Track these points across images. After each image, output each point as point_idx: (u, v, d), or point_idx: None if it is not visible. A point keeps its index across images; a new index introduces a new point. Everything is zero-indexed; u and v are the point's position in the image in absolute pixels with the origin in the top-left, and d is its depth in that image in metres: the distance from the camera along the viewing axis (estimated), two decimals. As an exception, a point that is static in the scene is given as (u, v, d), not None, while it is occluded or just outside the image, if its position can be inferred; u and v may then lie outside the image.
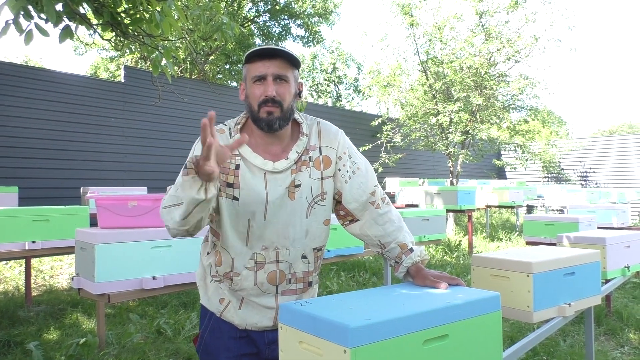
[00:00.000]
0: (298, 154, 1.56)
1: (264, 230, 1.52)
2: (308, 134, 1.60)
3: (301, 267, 1.58)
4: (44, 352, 3.42)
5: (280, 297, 1.56)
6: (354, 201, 1.61)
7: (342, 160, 1.62)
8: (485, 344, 1.28)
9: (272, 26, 16.36)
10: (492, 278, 2.16)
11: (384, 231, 1.61)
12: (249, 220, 1.51)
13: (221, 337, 1.58)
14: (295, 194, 1.54)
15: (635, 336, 4.15)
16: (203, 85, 10.57)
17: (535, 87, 10.84)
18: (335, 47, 25.92)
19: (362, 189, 1.61)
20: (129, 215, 2.41)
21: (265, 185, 1.51)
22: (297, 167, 1.55)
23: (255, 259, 1.53)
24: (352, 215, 1.64)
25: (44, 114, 8.08)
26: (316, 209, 1.58)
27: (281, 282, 1.55)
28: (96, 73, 17.05)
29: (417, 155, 14.55)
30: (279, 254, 1.54)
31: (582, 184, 16.41)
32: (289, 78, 1.52)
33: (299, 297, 1.60)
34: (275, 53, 1.49)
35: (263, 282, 1.53)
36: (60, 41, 3.06)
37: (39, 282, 5.65)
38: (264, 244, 1.53)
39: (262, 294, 1.55)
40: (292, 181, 1.53)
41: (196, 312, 4.50)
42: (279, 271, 1.55)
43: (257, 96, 1.50)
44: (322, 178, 1.58)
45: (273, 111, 1.49)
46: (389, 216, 1.64)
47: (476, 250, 8.57)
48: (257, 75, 1.49)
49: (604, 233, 3.25)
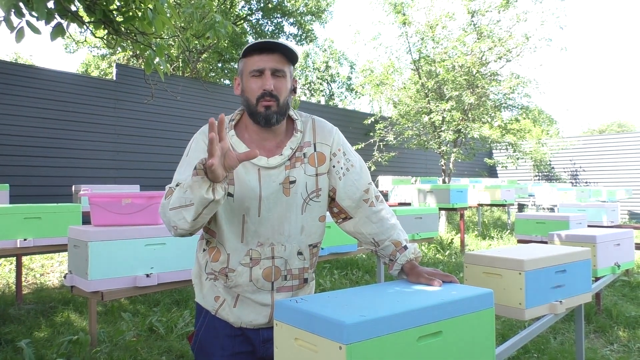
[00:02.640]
0: (292, 150, 1.56)
1: (259, 226, 1.52)
2: (302, 131, 1.60)
3: (297, 263, 1.58)
4: (35, 350, 3.41)
5: (275, 294, 1.56)
6: (347, 198, 1.61)
7: (336, 157, 1.62)
8: (479, 341, 1.29)
9: (265, 24, 16.33)
10: (484, 275, 2.18)
11: (378, 229, 1.62)
12: (243, 217, 1.51)
13: (216, 336, 1.58)
14: (291, 190, 1.54)
15: (624, 334, 4.19)
16: (196, 84, 10.54)
17: (526, 86, 10.91)
18: (328, 46, 25.93)
19: (356, 186, 1.61)
20: (123, 212, 2.40)
21: (259, 181, 1.51)
22: (290, 164, 1.55)
23: (250, 255, 1.53)
24: (346, 212, 1.64)
25: (35, 111, 8.03)
26: (311, 205, 1.58)
27: (276, 279, 1.55)
28: (87, 71, 16.92)
29: (410, 153, 14.60)
30: (275, 250, 1.54)
31: (572, 182, 16.55)
32: (285, 73, 1.52)
33: (294, 294, 1.59)
34: (273, 47, 1.49)
35: (258, 279, 1.53)
36: (52, 39, 3.05)
37: (29, 280, 5.62)
38: (259, 240, 1.53)
39: (258, 291, 1.54)
40: (287, 177, 1.53)
41: (189, 310, 4.49)
42: (275, 267, 1.54)
43: (254, 90, 1.50)
44: (316, 174, 1.58)
45: (270, 105, 1.49)
46: (383, 214, 1.64)
47: (468, 248, 8.62)
48: (255, 69, 1.49)
49: (594, 231, 3.29)
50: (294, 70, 1.60)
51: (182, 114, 10.02)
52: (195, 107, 10.25)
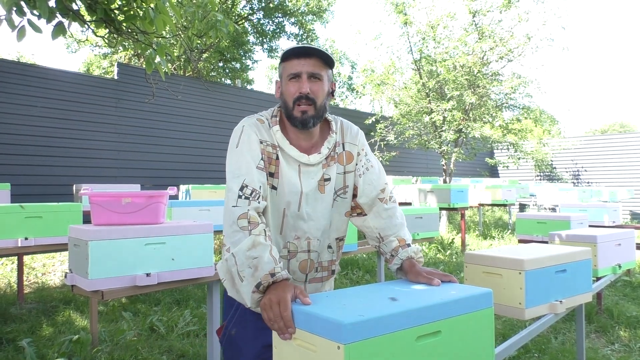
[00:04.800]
0: (329, 149, 1.65)
1: (297, 220, 1.60)
2: (337, 132, 1.70)
3: (327, 256, 1.69)
4: (36, 349, 3.41)
5: (308, 284, 1.66)
6: (364, 196, 1.70)
7: (359, 156, 1.73)
8: (478, 340, 1.29)
9: (266, 24, 16.32)
10: (484, 275, 2.17)
11: (385, 224, 1.69)
12: (284, 210, 1.59)
13: (247, 328, 1.62)
14: (325, 187, 1.64)
15: (625, 334, 4.19)
16: (197, 83, 10.54)
17: (527, 86, 10.90)
18: (329, 46, 25.91)
19: (374, 186, 1.70)
20: (123, 212, 2.40)
21: (299, 177, 1.59)
22: (326, 162, 1.65)
23: (288, 248, 1.61)
24: (362, 209, 1.72)
25: (37, 110, 8.04)
26: (338, 202, 1.68)
27: (310, 271, 1.66)
28: (89, 70, 16.93)
29: (411, 153, 14.59)
30: (311, 244, 1.63)
31: (574, 182, 16.52)
32: (322, 77, 1.58)
33: (322, 284, 1.71)
34: (310, 52, 1.56)
35: (295, 271, 1.63)
36: (53, 37, 3.05)
37: (31, 279, 5.62)
38: (296, 234, 1.61)
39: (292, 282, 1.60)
40: (322, 175, 1.63)
41: (189, 309, 4.49)
42: (310, 260, 1.64)
43: (292, 93, 1.57)
44: (344, 172, 1.69)
45: (307, 110, 1.56)
46: (393, 212, 1.72)
47: (469, 248, 8.61)
48: (293, 73, 1.57)
49: (595, 231, 3.28)
50: (332, 74, 1.67)
51: (183, 114, 10.02)
52: (196, 107, 10.25)
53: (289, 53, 1.57)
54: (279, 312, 1.21)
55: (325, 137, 1.68)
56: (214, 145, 10.30)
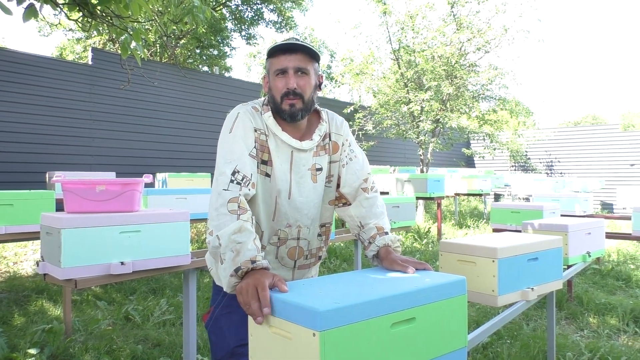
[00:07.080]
0: (320, 137, 1.69)
1: (288, 208, 1.63)
2: (327, 121, 1.74)
3: (315, 243, 1.74)
4: (7, 340, 3.36)
5: (296, 271, 1.71)
6: (347, 186, 1.74)
7: (343, 146, 1.77)
8: (451, 327, 1.31)
9: (245, 10, 16.13)
10: (459, 263, 2.21)
11: (366, 213, 1.72)
12: (275, 197, 1.61)
13: (232, 313, 1.64)
14: (318, 177, 1.67)
15: (594, 320, 4.31)
16: (173, 69, 10.39)
17: (504, 77, 11.01)
18: (309, 34, 25.75)
19: (357, 176, 1.74)
20: (97, 199, 2.36)
21: (290, 164, 1.62)
22: (316, 151, 1.68)
23: (278, 235, 1.64)
24: (346, 198, 1.76)
25: (8, 96, 7.82)
26: (325, 190, 1.72)
27: (299, 258, 1.69)
28: (62, 55, 16.51)
29: (389, 143, 14.66)
30: (301, 232, 1.67)
31: (547, 173, 16.83)
32: (309, 71, 1.61)
33: (309, 270, 1.77)
34: (296, 47, 1.58)
35: (283, 257, 1.68)
36: (24, 20, 2.96)
37: (2, 268, 5.51)
38: (288, 222, 1.64)
39: (280, 267, 1.67)
40: (314, 164, 1.66)
41: (165, 298, 4.47)
42: (299, 248, 1.68)
43: (279, 88, 1.59)
44: (330, 162, 1.72)
45: (295, 103, 1.59)
46: (374, 201, 1.75)
47: (445, 236, 8.72)
48: (279, 68, 1.59)
49: (566, 220, 3.35)
50: (319, 67, 1.69)
51: (159, 100, 9.87)
52: (173, 94, 10.11)
53: (275, 49, 1.59)
54: (256, 294, 1.20)
55: (316, 125, 1.71)
56: (190, 134, 10.17)
